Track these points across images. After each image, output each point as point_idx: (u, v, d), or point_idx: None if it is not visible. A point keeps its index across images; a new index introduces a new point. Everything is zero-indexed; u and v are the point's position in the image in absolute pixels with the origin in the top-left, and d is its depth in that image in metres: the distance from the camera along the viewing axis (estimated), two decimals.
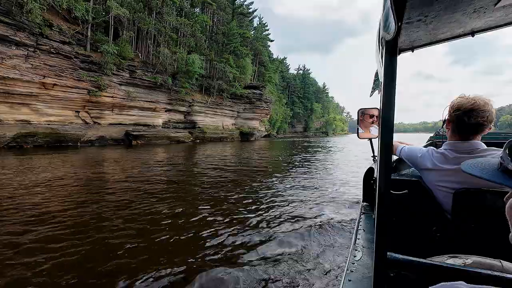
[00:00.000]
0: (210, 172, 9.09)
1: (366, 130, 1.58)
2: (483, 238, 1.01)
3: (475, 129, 1.09)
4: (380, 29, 0.71)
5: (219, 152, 18.39)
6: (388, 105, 0.64)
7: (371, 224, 1.33)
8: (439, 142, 2.02)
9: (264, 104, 45.05)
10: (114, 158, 13.47)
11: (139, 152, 17.15)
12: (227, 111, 40.09)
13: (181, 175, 8.48)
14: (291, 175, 8.64)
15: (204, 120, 35.83)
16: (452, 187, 1.08)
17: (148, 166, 10.23)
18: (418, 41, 0.93)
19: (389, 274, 0.72)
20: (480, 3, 0.66)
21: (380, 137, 0.68)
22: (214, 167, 10.31)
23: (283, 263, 2.72)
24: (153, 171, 8.92)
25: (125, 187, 6.30)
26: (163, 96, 29.66)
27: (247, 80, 40.48)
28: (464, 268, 0.68)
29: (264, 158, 14.45)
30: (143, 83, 27.10)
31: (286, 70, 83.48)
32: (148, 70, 27.60)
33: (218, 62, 34.95)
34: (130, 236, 3.38)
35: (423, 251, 0.95)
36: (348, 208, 4.74)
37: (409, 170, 1.66)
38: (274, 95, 55.26)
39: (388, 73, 0.64)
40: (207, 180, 7.59)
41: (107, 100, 24.34)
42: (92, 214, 4.27)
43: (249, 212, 4.50)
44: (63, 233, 3.46)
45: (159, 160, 12.72)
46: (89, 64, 22.43)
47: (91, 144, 23.17)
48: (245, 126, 43.18)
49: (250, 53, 41.05)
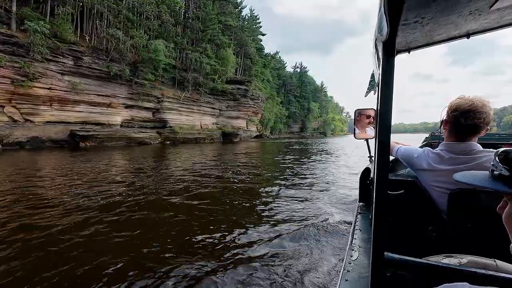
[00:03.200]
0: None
1: (362, 131, 1.63)
2: (478, 237, 1.02)
3: (471, 130, 1.08)
4: (376, 30, 0.71)
5: (172, 159, 13.69)
6: (386, 106, 0.64)
7: (367, 224, 1.35)
8: (434, 143, 2.00)
9: (250, 101, 40.34)
10: (45, 165, 10.24)
11: (81, 157, 13.66)
12: (207, 109, 35.40)
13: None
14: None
15: (178, 118, 31.14)
16: (447, 187, 1.08)
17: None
18: (414, 43, 0.96)
19: (385, 274, 0.72)
20: (475, 6, 0.67)
21: (377, 138, 0.67)
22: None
23: (278, 264, 2.70)
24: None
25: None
26: (122, 90, 25.01)
27: (229, 73, 35.78)
28: (459, 268, 0.69)
29: (223, 168, 9.82)
30: (93, 73, 22.47)
31: (282, 68, 79.80)
32: (100, 57, 22.96)
33: (193, 52, 30.25)
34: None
35: (419, 250, 0.96)
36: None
37: (405, 170, 1.63)
38: (265, 92, 50.77)
39: (385, 74, 0.64)
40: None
41: (42, 92, 19.71)
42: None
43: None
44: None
45: (101, 170, 8.75)
46: (12, 46, 17.82)
47: (20, 146, 18.53)
48: (228, 126, 38.48)
49: (232, 43, 36.33)
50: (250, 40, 42.95)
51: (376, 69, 0.85)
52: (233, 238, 3.36)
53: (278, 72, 76.40)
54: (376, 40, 0.73)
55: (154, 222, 4.00)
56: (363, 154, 9.02)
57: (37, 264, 2.68)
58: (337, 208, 4.76)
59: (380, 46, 0.67)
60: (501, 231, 0.56)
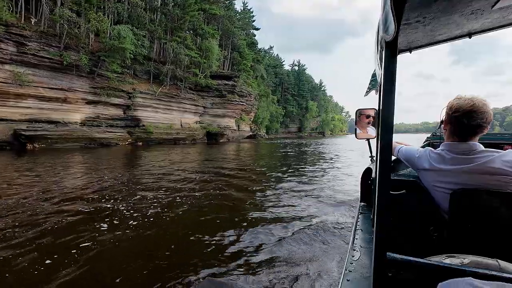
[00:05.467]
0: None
1: (364, 131, 1.61)
2: (480, 237, 1.01)
3: (474, 131, 1.07)
4: (380, 30, 0.71)
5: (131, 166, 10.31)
6: (388, 106, 0.64)
7: (368, 224, 1.36)
8: (436, 143, 1.97)
9: (238, 98, 36.90)
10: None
11: (23, 162, 11.11)
12: (188, 106, 31.97)
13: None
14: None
15: (153, 116, 27.75)
16: (449, 187, 1.07)
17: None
18: (416, 42, 0.97)
19: (387, 274, 0.72)
20: (477, 5, 0.68)
21: (380, 138, 0.67)
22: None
23: (279, 266, 2.69)
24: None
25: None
26: (82, 83, 21.63)
27: (214, 67, 32.32)
28: (462, 268, 0.69)
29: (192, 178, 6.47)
30: (42, 62, 19.09)
31: (280, 65, 77.09)
32: (51, 44, 19.57)
33: (169, 42, 26.81)
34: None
35: (420, 251, 0.96)
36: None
37: (406, 170, 1.63)
38: (258, 89, 47.44)
39: (388, 73, 0.63)
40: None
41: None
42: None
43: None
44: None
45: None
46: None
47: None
48: (214, 125, 35.08)
49: (217, 33, 32.82)
50: (239, 32, 39.43)
51: (378, 69, 0.85)
52: (231, 241, 3.28)
53: (275, 70, 73.78)
54: (379, 39, 0.72)
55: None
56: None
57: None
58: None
59: (383, 45, 0.66)
60: (503, 231, 0.56)
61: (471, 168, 1.01)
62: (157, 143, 27.07)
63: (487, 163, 0.98)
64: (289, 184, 6.93)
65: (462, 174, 1.02)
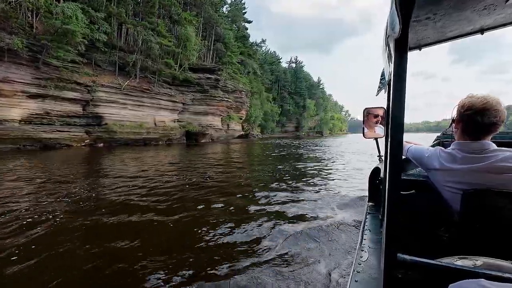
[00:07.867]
0: None
1: (371, 130, 1.59)
2: (493, 239, 0.99)
3: (488, 129, 1.05)
4: (388, 27, 0.70)
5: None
6: (398, 104, 0.62)
7: (377, 224, 1.33)
8: (446, 142, 1.92)
9: (222, 94, 33.26)
10: None
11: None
12: (164, 102, 28.35)
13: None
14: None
15: (119, 113, 24.16)
16: (460, 187, 1.05)
17: None
18: (425, 40, 0.94)
19: (397, 275, 0.71)
20: (490, 0, 0.66)
21: (390, 137, 0.66)
22: None
23: (285, 265, 2.63)
24: None
25: None
26: (22, 72, 18.05)
27: (192, 58, 28.67)
28: (474, 270, 0.67)
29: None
30: None
31: (277, 63, 73.92)
32: None
33: (135, 27, 23.19)
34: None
35: (430, 252, 0.93)
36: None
37: (416, 170, 1.58)
38: (248, 86, 43.87)
39: (398, 71, 0.62)
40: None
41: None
42: None
43: None
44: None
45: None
46: None
47: None
48: (195, 123, 31.46)
49: (195, 19, 29.11)
50: (224, 20, 35.73)
51: (387, 67, 0.83)
52: (236, 240, 3.24)
53: (272, 67, 70.39)
54: (388, 37, 0.71)
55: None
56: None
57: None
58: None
59: (392, 43, 0.65)
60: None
61: (482, 167, 0.98)
62: (123, 144, 23.49)
63: (499, 162, 0.96)
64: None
65: (474, 173, 0.99)
